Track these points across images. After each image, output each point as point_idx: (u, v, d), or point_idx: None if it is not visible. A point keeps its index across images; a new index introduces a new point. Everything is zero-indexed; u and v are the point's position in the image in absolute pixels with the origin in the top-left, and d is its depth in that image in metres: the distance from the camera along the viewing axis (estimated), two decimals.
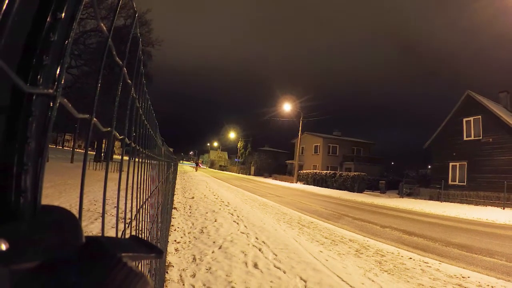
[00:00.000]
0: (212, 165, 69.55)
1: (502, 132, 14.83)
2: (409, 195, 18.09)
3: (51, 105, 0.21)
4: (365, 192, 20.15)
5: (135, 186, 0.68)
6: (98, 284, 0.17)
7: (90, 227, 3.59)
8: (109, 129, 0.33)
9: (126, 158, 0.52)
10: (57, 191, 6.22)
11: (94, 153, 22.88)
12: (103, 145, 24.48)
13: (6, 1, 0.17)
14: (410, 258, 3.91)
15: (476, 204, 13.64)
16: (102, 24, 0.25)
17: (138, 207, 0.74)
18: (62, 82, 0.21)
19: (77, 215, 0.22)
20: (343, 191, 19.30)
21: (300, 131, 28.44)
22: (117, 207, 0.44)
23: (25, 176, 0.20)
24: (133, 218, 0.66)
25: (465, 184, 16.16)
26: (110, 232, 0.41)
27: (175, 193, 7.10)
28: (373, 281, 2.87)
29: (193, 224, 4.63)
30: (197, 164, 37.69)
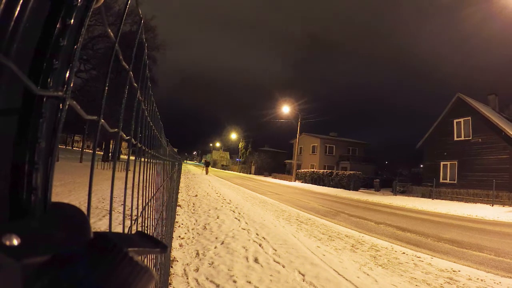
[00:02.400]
0: (214, 164, 69.86)
1: (491, 132, 15.11)
2: (402, 193, 18.33)
3: (61, 107, 0.22)
4: (360, 190, 20.33)
5: (141, 184, 0.68)
6: (105, 277, 0.18)
7: (98, 224, 3.61)
8: (116, 130, 0.34)
9: (132, 158, 0.53)
10: (67, 189, 6.22)
11: (102, 153, 22.79)
12: (111, 146, 24.30)
13: (18, 8, 0.18)
14: (403, 253, 3.99)
15: (466, 201, 13.87)
16: (109, 30, 0.26)
17: (144, 205, 0.75)
18: (71, 85, 0.22)
19: (85, 212, 0.22)
20: (339, 189, 19.45)
21: (298, 132, 28.74)
22: (124, 204, 0.45)
23: (36, 175, 0.21)
24: (139, 215, 0.66)
25: (455, 182, 16.43)
26: (117, 228, 0.41)
27: (179, 191, 7.09)
28: (368, 275, 2.93)
29: (196, 221, 4.65)
30: (207, 165, 26.39)
